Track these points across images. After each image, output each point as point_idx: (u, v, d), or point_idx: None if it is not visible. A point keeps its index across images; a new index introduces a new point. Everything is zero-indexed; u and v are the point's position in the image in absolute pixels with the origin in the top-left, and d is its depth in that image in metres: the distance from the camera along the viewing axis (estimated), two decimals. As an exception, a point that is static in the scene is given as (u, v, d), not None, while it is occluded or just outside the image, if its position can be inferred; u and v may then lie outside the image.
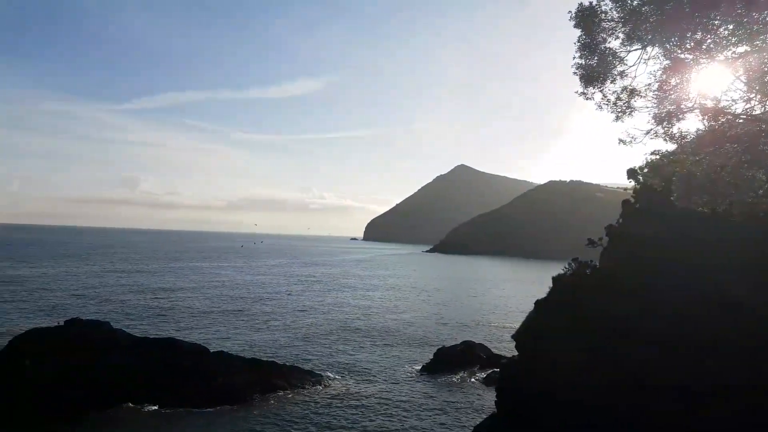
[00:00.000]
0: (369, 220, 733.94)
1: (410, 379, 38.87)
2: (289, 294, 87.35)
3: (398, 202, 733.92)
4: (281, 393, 33.33)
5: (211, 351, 34.98)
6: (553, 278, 20.63)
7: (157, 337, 37.63)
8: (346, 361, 42.85)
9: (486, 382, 38.15)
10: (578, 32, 19.80)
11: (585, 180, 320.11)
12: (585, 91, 20.47)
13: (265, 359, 37.59)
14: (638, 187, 22.00)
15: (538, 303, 20.69)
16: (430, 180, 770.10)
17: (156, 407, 29.59)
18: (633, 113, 20.03)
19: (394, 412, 31.35)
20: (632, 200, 21.57)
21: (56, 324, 32.92)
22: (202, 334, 50.07)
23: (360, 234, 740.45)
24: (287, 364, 37.83)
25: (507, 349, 46.43)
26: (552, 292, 20.43)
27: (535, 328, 20.21)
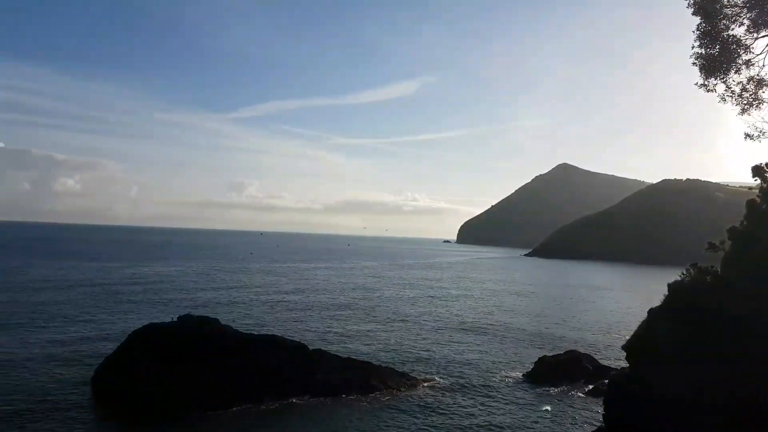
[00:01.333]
0: (462, 222, 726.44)
1: (510, 386, 37.76)
2: (381, 295, 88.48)
3: (494, 203, 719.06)
4: (378, 393, 33.70)
5: (310, 348, 36.27)
6: (669, 285, 19.14)
7: (260, 333, 39.64)
8: (443, 365, 42.44)
9: (592, 393, 36.16)
10: (697, 20, 18.36)
11: (702, 178, 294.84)
12: (706, 82, 18.98)
13: (360, 359, 38.31)
14: (765, 186, 19.94)
15: (652, 312, 19.29)
16: (528, 180, 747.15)
17: (259, 398, 31.10)
18: (761, 105, 18.44)
19: (494, 421, 30.56)
20: (758, 200, 19.57)
21: (171, 319, 35.68)
22: (299, 332, 52.01)
23: (453, 236, 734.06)
24: (382, 365, 38.30)
25: (615, 359, 43.83)
26: (668, 300, 18.96)
27: (649, 339, 18.82)
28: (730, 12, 17.85)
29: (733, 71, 18.47)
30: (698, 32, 18.47)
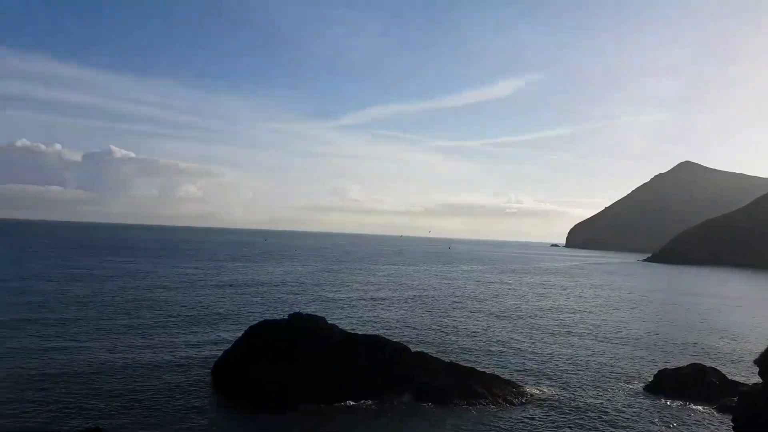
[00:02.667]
0: (572, 226, 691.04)
1: (628, 399, 35.08)
2: (484, 300, 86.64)
3: (607, 205, 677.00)
4: (482, 401, 32.82)
5: (412, 350, 36.25)
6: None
7: (363, 332, 40.36)
8: (552, 373, 40.49)
9: (719, 410, 32.76)
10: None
11: None
12: None
13: (463, 364, 37.61)
14: None
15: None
16: (646, 180, 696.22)
17: (361, 398, 31.60)
18: None
19: (606, 436, 28.62)
20: None
21: (282, 317, 37.50)
22: (401, 333, 52.29)
23: (561, 240, 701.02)
24: (486, 371, 37.28)
25: (745, 374, 39.72)
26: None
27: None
28: None
29: None
30: None
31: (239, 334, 37.64)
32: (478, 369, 36.96)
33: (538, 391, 35.56)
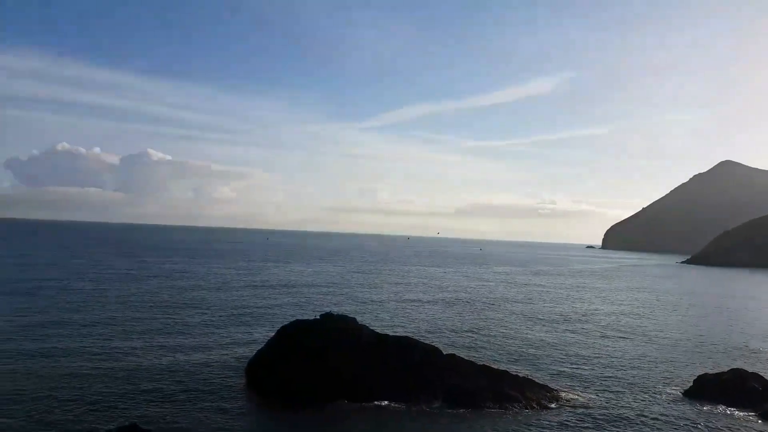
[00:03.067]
0: (608, 226, 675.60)
1: (668, 405, 33.93)
2: (517, 303, 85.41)
3: (645, 206, 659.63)
4: (515, 404, 32.27)
5: (444, 353, 35.97)
6: None
7: (393, 334, 40.26)
8: (586, 377, 39.54)
9: (762, 416, 31.55)
10: None
11: None
12: None
13: (496, 367, 37.12)
14: None
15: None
16: (685, 180, 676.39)
17: (391, 399, 31.50)
18: None
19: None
20: None
21: (314, 317, 37.75)
22: (430, 334, 51.93)
23: (597, 241, 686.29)
24: (520, 375, 36.67)
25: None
26: None
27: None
28: None
29: None
30: None
31: (272, 334, 38.05)
32: (511, 372, 36.41)
33: (573, 396, 34.80)
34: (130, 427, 24.39)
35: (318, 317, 36.67)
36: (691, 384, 36.98)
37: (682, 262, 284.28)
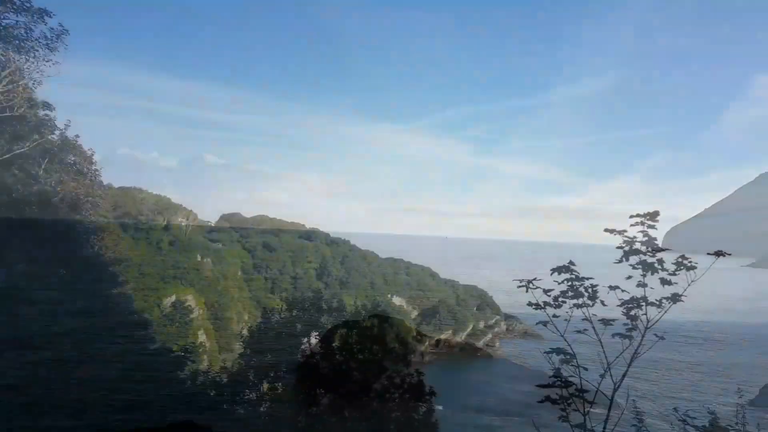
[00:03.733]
0: (669, 228, 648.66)
1: (730, 414, 32.43)
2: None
3: (707, 206, 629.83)
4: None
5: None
6: None
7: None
8: (644, 381, 38.34)
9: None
10: None
11: None
12: None
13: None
14: None
15: None
16: (750, 179, 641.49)
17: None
18: None
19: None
20: None
21: (362, 319, 38.02)
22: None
23: (658, 243, 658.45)
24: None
25: None
26: None
27: None
28: None
29: None
30: None
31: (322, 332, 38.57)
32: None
33: (623, 402, 33.77)
34: (186, 424, 24.93)
35: (365, 318, 36.90)
36: (757, 393, 35.43)
37: (747, 266, 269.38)
